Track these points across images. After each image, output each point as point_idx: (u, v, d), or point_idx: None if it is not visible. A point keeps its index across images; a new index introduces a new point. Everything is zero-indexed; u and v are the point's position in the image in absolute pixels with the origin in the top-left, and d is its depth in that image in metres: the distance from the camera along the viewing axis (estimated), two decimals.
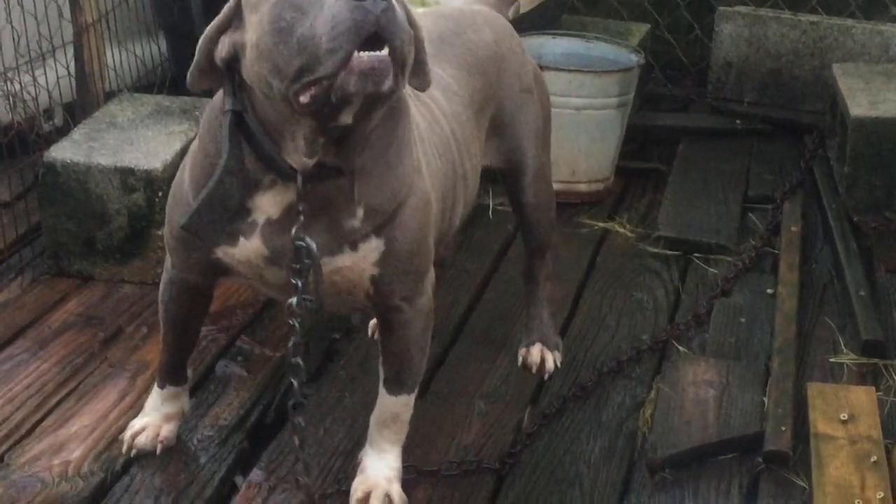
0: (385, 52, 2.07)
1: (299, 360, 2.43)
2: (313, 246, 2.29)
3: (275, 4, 2.11)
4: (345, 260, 2.38)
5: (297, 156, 2.24)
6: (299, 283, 2.33)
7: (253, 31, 2.16)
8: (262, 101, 2.22)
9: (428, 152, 2.54)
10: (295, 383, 2.43)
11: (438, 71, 2.72)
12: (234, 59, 2.24)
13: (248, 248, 2.38)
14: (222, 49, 2.25)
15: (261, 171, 2.30)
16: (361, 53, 2.05)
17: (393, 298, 2.48)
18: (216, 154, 2.31)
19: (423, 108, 2.62)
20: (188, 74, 2.32)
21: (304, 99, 2.10)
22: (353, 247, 2.38)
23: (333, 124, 2.17)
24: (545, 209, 3.16)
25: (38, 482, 2.71)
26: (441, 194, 2.59)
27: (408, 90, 2.44)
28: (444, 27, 2.90)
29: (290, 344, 2.42)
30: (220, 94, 2.35)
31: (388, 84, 2.08)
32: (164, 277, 2.67)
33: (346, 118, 2.16)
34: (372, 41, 2.05)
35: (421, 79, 2.37)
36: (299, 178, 2.26)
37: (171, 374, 2.80)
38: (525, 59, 3.08)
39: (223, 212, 2.32)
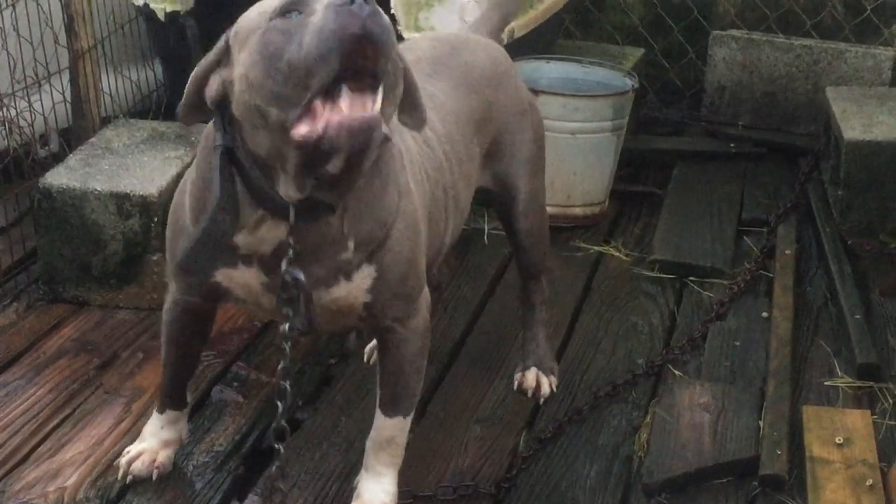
0: (377, 108, 2.06)
1: (287, 385, 2.43)
2: (301, 278, 2.29)
3: (262, 34, 2.11)
4: (340, 290, 2.40)
5: (287, 189, 2.23)
6: (290, 313, 2.34)
7: (241, 65, 2.16)
8: (253, 136, 2.21)
9: (417, 175, 2.55)
10: (279, 407, 2.43)
11: (433, 90, 2.74)
12: (223, 97, 2.25)
13: (247, 273, 2.39)
14: (211, 88, 2.25)
15: (251, 207, 2.30)
16: (352, 114, 2.04)
17: (384, 320, 2.50)
18: (212, 183, 2.31)
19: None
20: (178, 109, 2.33)
21: (296, 135, 2.08)
22: (348, 277, 2.39)
23: (321, 170, 2.15)
24: (539, 233, 3.17)
25: None
26: (431, 216, 2.60)
27: None
28: (439, 49, 2.92)
29: (280, 367, 2.42)
30: (212, 123, 2.36)
31: (377, 139, 2.08)
32: (168, 299, 2.68)
33: (333, 168, 2.14)
34: (360, 72, 2.04)
35: (415, 118, 2.37)
36: (291, 212, 2.26)
37: (172, 398, 2.81)
38: (519, 85, 3.10)
39: (218, 247, 2.33)
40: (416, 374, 2.61)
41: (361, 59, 2.04)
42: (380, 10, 2.07)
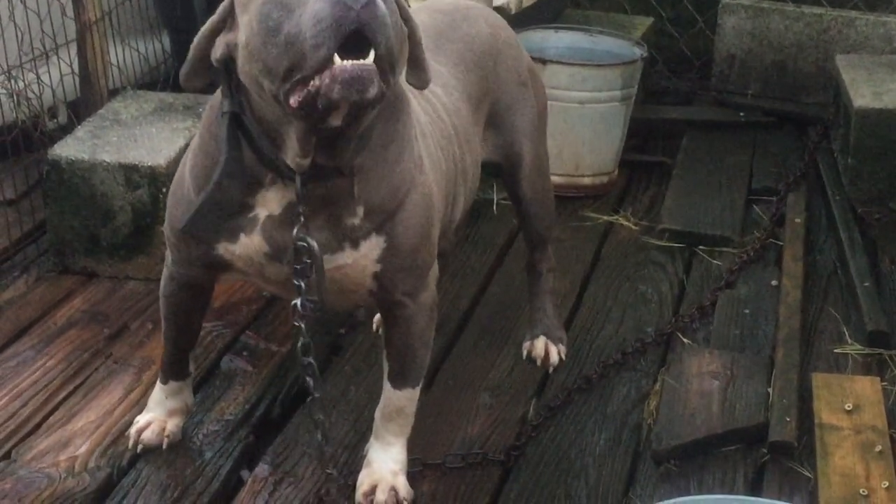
0: (370, 59, 2.06)
1: (311, 360, 2.43)
2: (315, 246, 2.30)
3: (263, 4, 2.11)
4: (346, 258, 2.39)
5: (293, 155, 2.24)
6: (302, 285, 2.34)
7: (243, 31, 2.17)
8: (258, 101, 2.22)
9: (430, 147, 2.54)
10: (310, 382, 2.44)
11: (437, 66, 2.73)
12: (229, 60, 2.25)
13: (248, 244, 2.39)
14: (217, 50, 2.25)
15: (262, 169, 2.30)
16: (345, 62, 2.04)
17: (395, 294, 2.48)
18: (216, 153, 2.32)
19: (426, 103, 2.63)
20: (181, 73, 2.33)
21: (293, 102, 2.10)
22: (355, 244, 2.38)
23: (323, 126, 2.17)
24: (544, 201, 3.17)
25: (44, 478, 2.71)
26: (443, 189, 2.59)
27: (409, 86, 2.44)
28: (440, 21, 2.91)
29: (299, 345, 2.42)
30: (219, 92, 2.36)
31: (372, 91, 2.08)
32: (165, 272, 2.67)
33: (335, 121, 2.16)
34: (356, 39, 2.04)
35: (420, 76, 2.37)
36: (298, 180, 2.26)
37: (174, 369, 2.81)
38: (520, 52, 3.09)
39: (222, 214, 2.33)
40: (424, 347, 2.60)
41: (356, 44, 2.05)
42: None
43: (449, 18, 2.95)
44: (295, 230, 2.30)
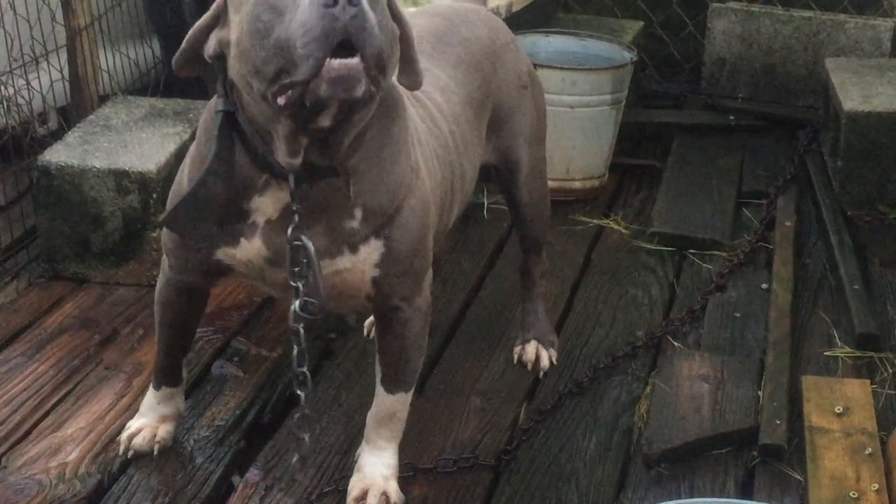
0: (357, 58, 2.06)
1: (306, 371, 2.43)
2: (310, 245, 2.29)
3: (254, 5, 2.11)
4: (344, 262, 2.38)
5: (283, 155, 2.24)
6: (300, 286, 2.33)
7: (235, 30, 2.17)
8: (248, 100, 2.22)
9: (427, 154, 2.53)
10: (301, 395, 2.44)
11: (436, 71, 2.73)
12: (222, 57, 2.25)
13: (249, 248, 2.38)
14: (210, 46, 2.25)
15: (255, 171, 2.30)
16: (332, 60, 2.04)
17: (392, 299, 2.48)
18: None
19: (422, 109, 2.62)
20: (173, 60, 2.32)
21: (280, 101, 2.10)
22: (353, 249, 2.38)
23: (313, 126, 2.17)
24: (540, 206, 3.17)
25: (35, 484, 2.71)
26: (439, 195, 2.59)
27: (406, 91, 2.44)
28: (438, 25, 2.90)
29: (295, 353, 2.41)
30: (216, 96, 2.35)
31: (360, 90, 2.07)
32: (161, 279, 2.67)
33: (325, 121, 2.16)
34: (346, 46, 2.04)
35: (411, 77, 2.36)
36: (291, 179, 2.26)
37: (167, 376, 2.81)
38: (520, 56, 3.09)
39: (206, 212, 2.32)
40: (418, 352, 2.60)
41: (343, 51, 2.05)
42: (364, 8, 2.04)
43: (447, 22, 2.94)
44: (289, 230, 2.30)
